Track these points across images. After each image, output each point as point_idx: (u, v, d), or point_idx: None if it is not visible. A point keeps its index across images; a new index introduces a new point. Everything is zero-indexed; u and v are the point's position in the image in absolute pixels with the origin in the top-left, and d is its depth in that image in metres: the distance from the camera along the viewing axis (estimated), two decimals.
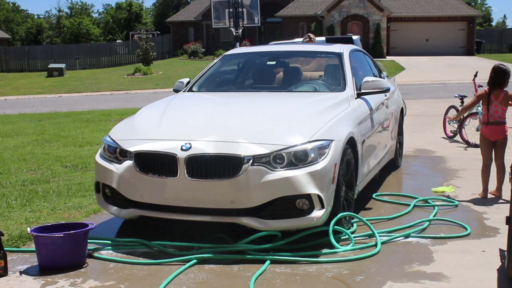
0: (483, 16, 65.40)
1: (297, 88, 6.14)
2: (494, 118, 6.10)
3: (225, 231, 4.77)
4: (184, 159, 4.43)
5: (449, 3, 41.93)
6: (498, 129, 6.10)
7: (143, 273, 4.18)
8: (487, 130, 6.15)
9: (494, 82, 6.12)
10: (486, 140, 6.19)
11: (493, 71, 6.13)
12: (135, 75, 31.61)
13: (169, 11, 65.65)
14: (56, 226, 4.50)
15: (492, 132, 6.12)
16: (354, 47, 7.06)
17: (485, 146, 6.21)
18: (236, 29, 23.23)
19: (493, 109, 6.09)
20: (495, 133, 6.11)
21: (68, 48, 43.03)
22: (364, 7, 39.26)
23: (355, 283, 3.96)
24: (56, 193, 6.46)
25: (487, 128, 6.14)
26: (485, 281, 3.94)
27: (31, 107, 19.07)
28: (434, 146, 9.08)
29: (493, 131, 6.12)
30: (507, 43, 43.39)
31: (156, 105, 5.77)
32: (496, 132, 6.11)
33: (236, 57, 7.03)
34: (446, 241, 4.76)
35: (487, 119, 6.14)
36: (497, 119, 6.10)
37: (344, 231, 4.71)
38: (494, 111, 6.09)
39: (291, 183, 4.36)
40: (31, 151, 9.44)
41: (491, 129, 6.12)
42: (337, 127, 4.89)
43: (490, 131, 6.13)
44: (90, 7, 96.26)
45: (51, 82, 30.89)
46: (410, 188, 6.59)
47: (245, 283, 3.95)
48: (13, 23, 72.25)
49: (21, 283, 4.05)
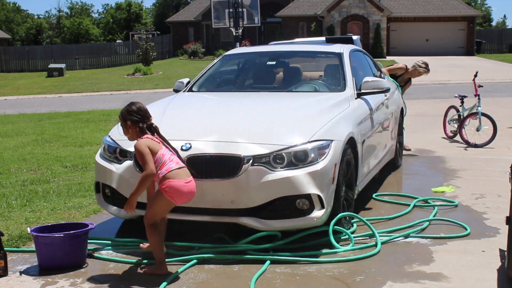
0: (483, 16, 65.42)
1: (297, 88, 6.14)
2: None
3: (225, 231, 4.77)
4: (184, 159, 4.42)
5: (449, 3, 41.93)
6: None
7: (143, 273, 4.17)
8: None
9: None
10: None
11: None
12: (135, 75, 31.60)
13: (169, 11, 65.67)
14: (56, 226, 4.50)
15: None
16: (354, 47, 7.07)
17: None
18: (236, 29, 23.24)
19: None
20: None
21: (68, 48, 43.04)
22: (364, 7, 39.26)
23: (355, 283, 3.96)
24: (56, 193, 6.46)
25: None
26: (485, 281, 3.93)
27: (31, 107, 19.06)
28: (434, 146, 9.08)
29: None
30: (507, 43, 43.38)
31: (156, 105, 5.77)
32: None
33: (236, 57, 7.03)
34: (446, 241, 4.76)
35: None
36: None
37: (344, 231, 4.71)
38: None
39: (291, 183, 4.36)
40: (31, 151, 9.44)
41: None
42: (337, 127, 4.89)
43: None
44: (90, 7, 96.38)
45: (51, 82, 30.88)
46: (410, 188, 6.59)
47: (245, 283, 3.95)
48: (13, 23, 72.25)
49: (21, 283, 4.04)
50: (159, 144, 4.05)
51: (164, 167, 3.98)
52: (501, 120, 10.63)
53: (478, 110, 9.16)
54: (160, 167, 3.98)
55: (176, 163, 4.03)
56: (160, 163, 3.99)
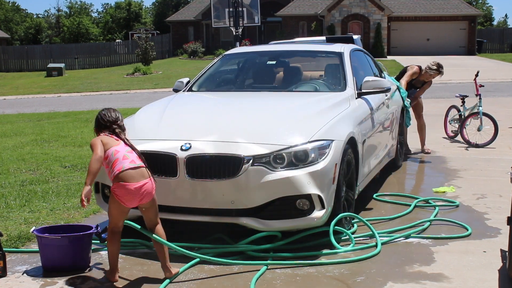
0: (484, 16, 65.37)
1: (298, 87, 6.12)
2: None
3: (225, 232, 4.75)
4: (184, 159, 4.41)
5: (450, 3, 41.91)
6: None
7: (143, 273, 4.16)
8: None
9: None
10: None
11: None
12: (135, 74, 31.58)
13: (169, 10, 65.66)
14: (59, 227, 4.47)
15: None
16: (355, 46, 7.05)
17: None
18: (236, 29, 23.19)
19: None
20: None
21: (67, 48, 43.00)
22: (365, 7, 39.24)
23: (355, 283, 3.94)
24: (55, 193, 6.43)
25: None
26: (486, 282, 3.92)
27: (30, 107, 19.05)
28: (435, 146, 9.06)
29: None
30: (508, 43, 43.35)
31: (155, 105, 5.75)
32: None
33: (236, 57, 7.01)
34: (447, 241, 4.74)
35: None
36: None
37: (345, 232, 4.69)
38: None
39: (291, 183, 4.34)
40: (30, 151, 9.42)
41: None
42: (338, 127, 4.87)
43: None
44: (89, 7, 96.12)
45: (50, 81, 30.87)
46: (410, 188, 6.57)
47: (245, 283, 3.93)
48: (12, 22, 72.25)
49: (20, 283, 4.02)
50: (117, 142, 3.89)
51: (116, 165, 3.79)
52: (502, 120, 10.62)
53: (479, 110, 9.14)
54: (113, 165, 3.81)
55: (130, 162, 3.81)
56: (112, 160, 3.81)
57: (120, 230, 3.98)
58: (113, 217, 3.93)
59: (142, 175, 3.84)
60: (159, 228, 4.02)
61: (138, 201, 3.84)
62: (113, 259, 4.00)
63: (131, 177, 3.78)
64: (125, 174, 3.78)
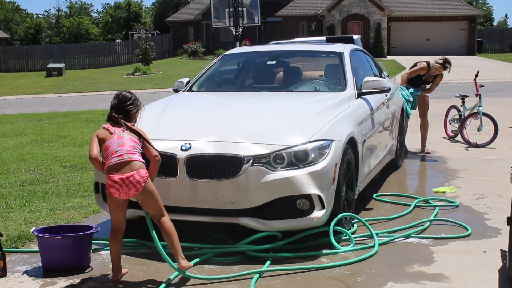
0: (484, 16, 65.37)
1: (298, 88, 6.12)
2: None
3: (225, 232, 4.75)
4: (184, 159, 4.41)
5: (450, 3, 41.91)
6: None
7: (143, 273, 4.16)
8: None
9: None
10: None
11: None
12: (135, 74, 31.58)
13: (169, 10, 65.65)
14: (59, 227, 4.47)
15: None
16: (355, 46, 7.05)
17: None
18: (236, 29, 23.19)
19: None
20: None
21: (67, 48, 42.99)
22: (365, 7, 39.24)
23: (355, 283, 3.94)
24: (55, 194, 6.43)
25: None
26: (486, 282, 3.92)
27: (30, 107, 19.04)
28: (435, 146, 9.05)
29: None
30: (508, 43, 43.34)
31: (155, 105, 5.74)
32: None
33: (236, 57, 7.01)
34: (447, 241, 4.74)
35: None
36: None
37: (345, 232, 4.69)
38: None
39: (291, 183, 4.34)
40: (30, 151, 9.42)
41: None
42: (338, 127, 4.86)
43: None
44: (89, 7, 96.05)
45: (50, 82, 30.87)
46: (411, 188, 6.57)
47: (245, 283, 3.93)
48: (12, 22, 72.23)
49: (20, 283, 4.02)
50: (110, 135, 3.94)
51: (107, 160, 3.89)
52: (502, 120, 10.62)
53: (479, 110, 9.13)
54: (106, 160, 3.91)
55: (118, 157, 3.84)
56: (105, 155, 3.92)
57: (121, 228, 4.02)
58: (110, 211, 4.02)
59: (130, 167, 3.86)
60: (164, 221, 4.00)
61: (124, 192, 3.86)
62: (115, 258, 4.02)
63: (116, 170, 3.84)
64: (111, 167, 3.85)
